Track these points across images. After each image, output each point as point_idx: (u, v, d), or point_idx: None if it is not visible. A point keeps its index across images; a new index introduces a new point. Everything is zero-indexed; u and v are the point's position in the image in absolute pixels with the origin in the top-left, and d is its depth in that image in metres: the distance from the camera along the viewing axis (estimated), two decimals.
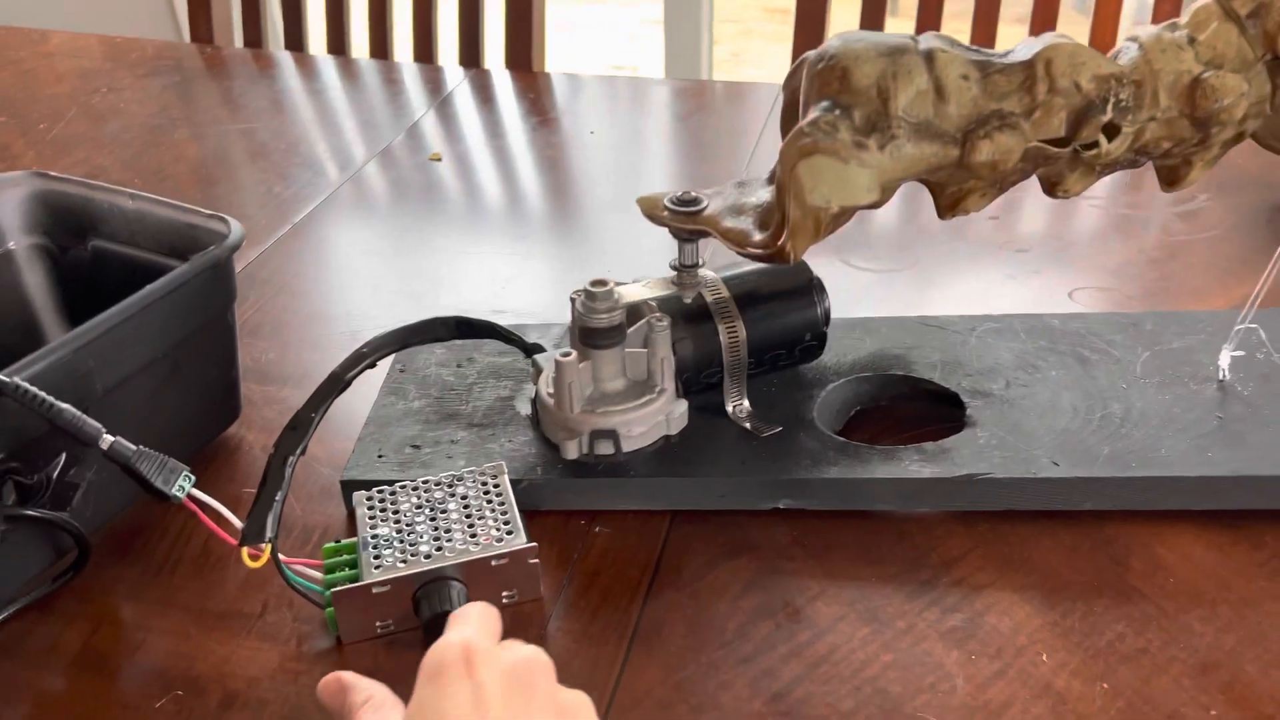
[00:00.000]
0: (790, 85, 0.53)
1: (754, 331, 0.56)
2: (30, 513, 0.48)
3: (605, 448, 0.52)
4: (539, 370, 0.56)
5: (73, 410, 0.46)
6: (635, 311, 0.55)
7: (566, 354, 0.52)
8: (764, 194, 0.53)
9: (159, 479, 0.47)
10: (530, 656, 0.38)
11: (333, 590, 0.47)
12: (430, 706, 0.36)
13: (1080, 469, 0.52)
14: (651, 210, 0.54)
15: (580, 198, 0.90)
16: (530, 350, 0.57)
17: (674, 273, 0.56)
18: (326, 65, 1.15)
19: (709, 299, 0.56)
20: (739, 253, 0.52)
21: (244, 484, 0.58)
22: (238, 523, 0.47)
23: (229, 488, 0.58)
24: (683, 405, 0.54)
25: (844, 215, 0.49)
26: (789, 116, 0.54)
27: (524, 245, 0.81)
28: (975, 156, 0.49)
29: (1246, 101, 0.50)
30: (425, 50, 1.21)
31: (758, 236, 0.51)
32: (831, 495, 0.53)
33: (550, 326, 0.65)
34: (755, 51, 2.94)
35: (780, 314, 0.56)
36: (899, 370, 0.59)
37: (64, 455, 0.49)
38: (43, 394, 0.46)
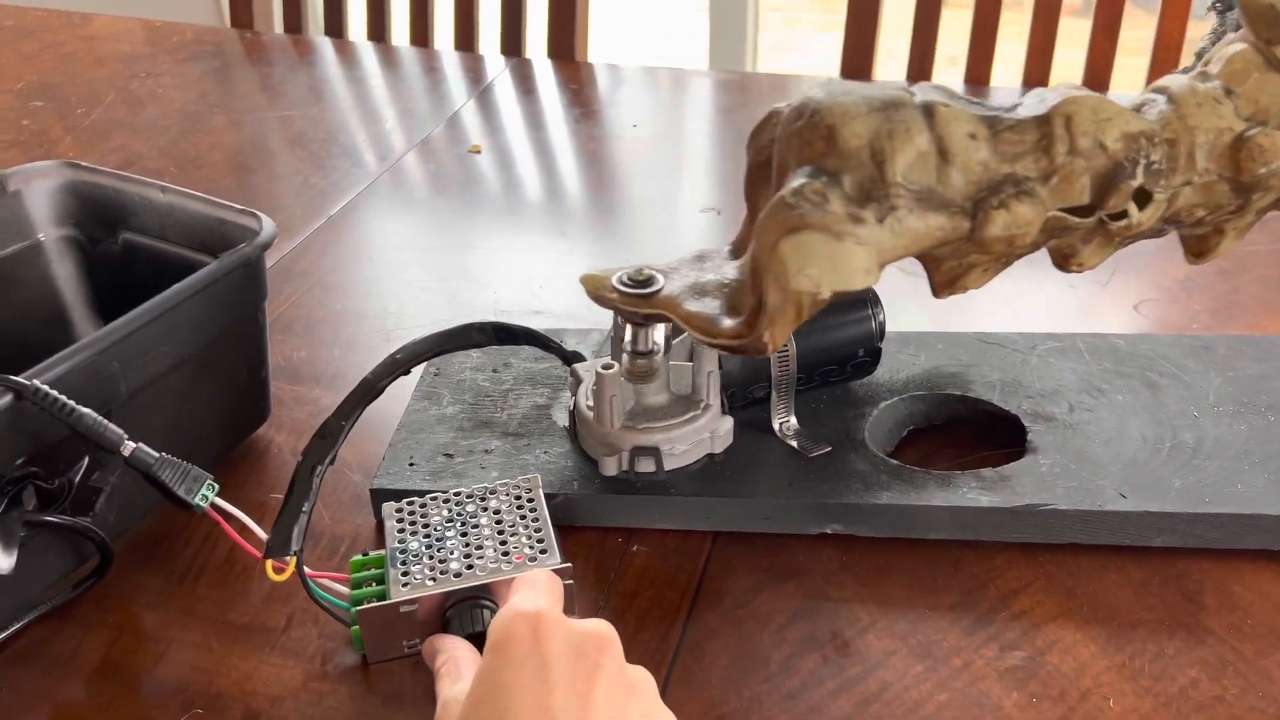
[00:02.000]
0: (757, 143, 0.46)
1: (805, 345, 0.53)
2: (52, 519, 0.46)
3: (647, 465, 0.50)
4: (578, 381, 0.53)
5: (94, 416, 0.44)
6: None
7: (608, 366, 0.49)
8: (729, 270, 0.46)
9: (181, 488, 0.45)
10: (598, 631, 0.37)
11: (358, 609, 0.45)
12: (495, 677, 0.35)
13: (1150, 503, 0.49)
14: (598, 291, 0.47)
15: (622, 194, 0.87)
16: (569, 359, 0.55)
17: (625, 355, 0.50)
18: (366, 52, 1.13)
19: None
20: (706, 342, 0.45)
21: (272, 488, 0.56)
22: (262, 534, 0.45)
23: (257, 492, 0.56)
24: (728, 422, 0.51)
25: (832, 298, 0.42)
26: (756, 180, 0.47)
27: (564, 242, 0.79)
28: (989, 230, 0.41)
29: None
30: (466, 38, 1.19)
31: (727, 324, 0.44)
32: (883, 522, 0.50)
33: (589, 331, 0.63)
34: (801, 40, 2.89)
35: (833, 327, 0.54)
36: (955, 389, 0.56)
37: (86, 459, 0.48)
38: (64, 398, 0.44)
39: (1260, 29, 0.44)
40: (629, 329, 0.50)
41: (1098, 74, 1.04)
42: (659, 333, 0.50)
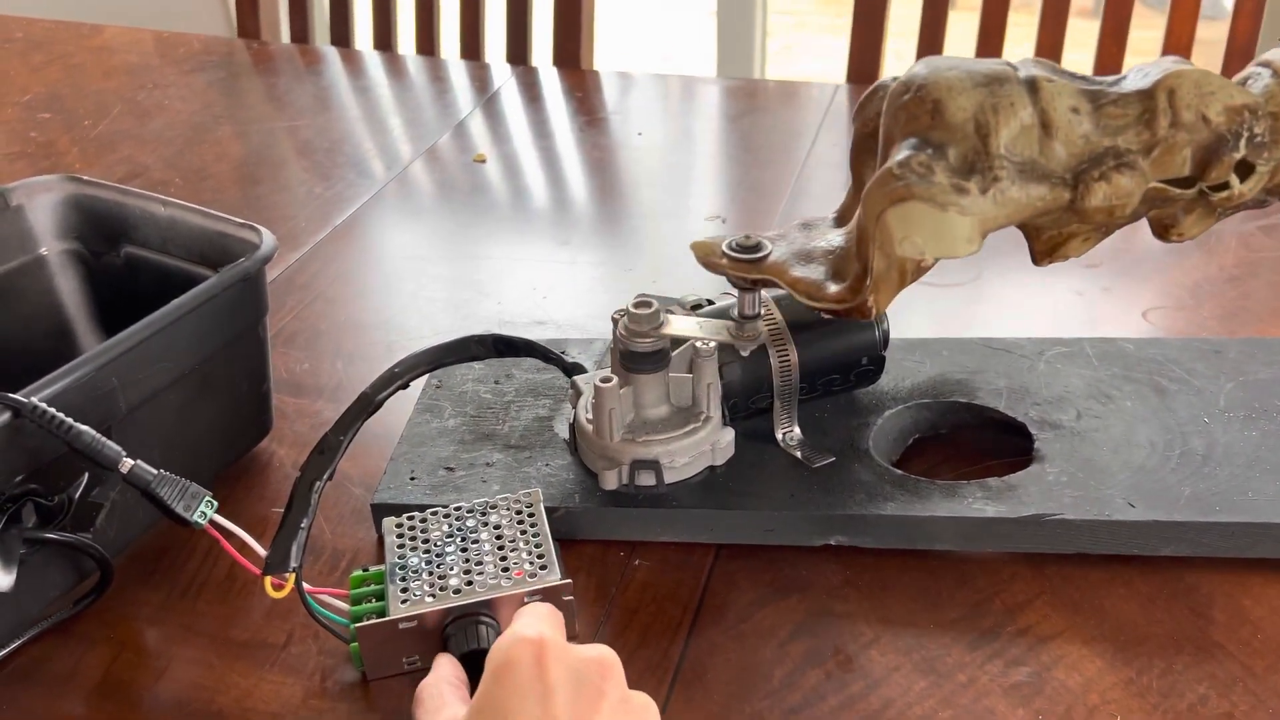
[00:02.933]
0: (863, 115, 0.48)
1: (807, 355, 0.52)
2: (51, 535, 0.46)
3: (647, 479, 0.50)
4: (578, 393, 0.53)
5: (92, 433, 0.44)
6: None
7: (607, 379, 0.49)
8: (834, 238, 0.48)
9: (180, 504, 0.45)
10: (601, 657, 0.37)
11: (357, 625, 0.45)
12: (496, 704, 0.35)
13: (1159, 512, 0.48)
14: (708, 256, 0.49)
15: (627, 202, 0.87)
16: (570, 370, 0.54)
17: (731, 323, 0.51)
18: (373, 61, 1.14)
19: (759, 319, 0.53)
20: (810, 306, 0.47)
21: (273, 503, 0.56)
22: (261, 550, 0.45)
23: (258, 507, 0.56)
24: (729, 434, 0.51)
25: (926, 268, 0.44)
26: (862, 151, 0.49)
27: (568, 252, 0.79)
28: (1090, 200, 0.43)
29: None
30: (472, 47, 1.19)
31: (833, 289, 0.46)
32: (887, 533, 0.50)
33: (592, 341, 0.62)
34: (809, 45, 2.89)
35: (835, 336, 0.53)
36: (961, 397, 0.56)
37: (86, 475, 0.47)
38: (61, 415, 0.44)
39: None
40: (737, 294, 0.51)
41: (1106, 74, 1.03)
42: (765, 299, 0.51)
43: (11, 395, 0.44)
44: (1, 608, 0.47)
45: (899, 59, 1.11)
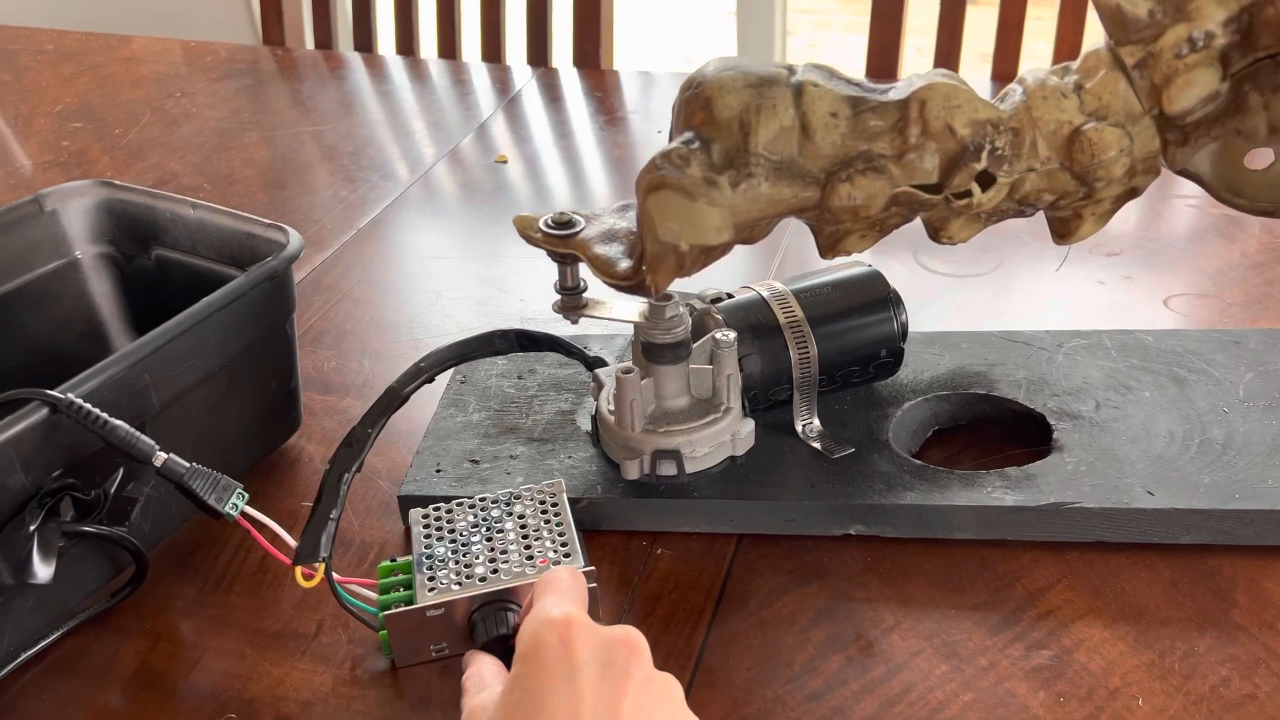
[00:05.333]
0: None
1: (826, 347, 0.53)
2: (89, 529, 0.47)
3: (668, 469, 0.50)
4: (600, 385, 0.54)
5: (126, 428, 0.45)
6: (700, 325, 0.53)
7: (628, 370, 0.50)
8: None
9: (212, 497, 0.46)
10: (627, 637, 0.37)
11: (385, 613, 0.46)
12: (525, 685, 0.36)
13: (1178, 500, 0.48)
14: (525, 230, 0.51)
15: None
16: (592, 364, 0.55)
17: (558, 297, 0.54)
18: (396, 65, 1.15)
19: (778, 312, 0.53)
20: (605, 281, 0.49)
21: (303, 497, 0.57)
22: (291, 541, 0.46)
23: (288, 501, 0.57)
24: (749, 424, 0.52)
25: (708, 252, 0.46)
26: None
27: None
28: (835, 200, 0.45)
29: (1127, 158, 0.46)
30: (493, 49, 1.20)
31: (623, 266, 0.48)
32: (907, 522, 0.50)
33: (614, 337, 0.63)
34: (831, 43, 2.88)
35: (855, 329, 0.54)
36: (980, 389, 0.56)
37: (121, 470, 0.49)
38: (97, 411, 0.45)
39: (1111, 29, 0.45)
40: (556, 267, 0.53)
41: None
42: (584, 272, 0.53)
43: (49, 392, 0.45)
44: (41, 600, 0.48)
45: (920, 55, 1.12)
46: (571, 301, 0.54)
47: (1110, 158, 0.45)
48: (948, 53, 1.08)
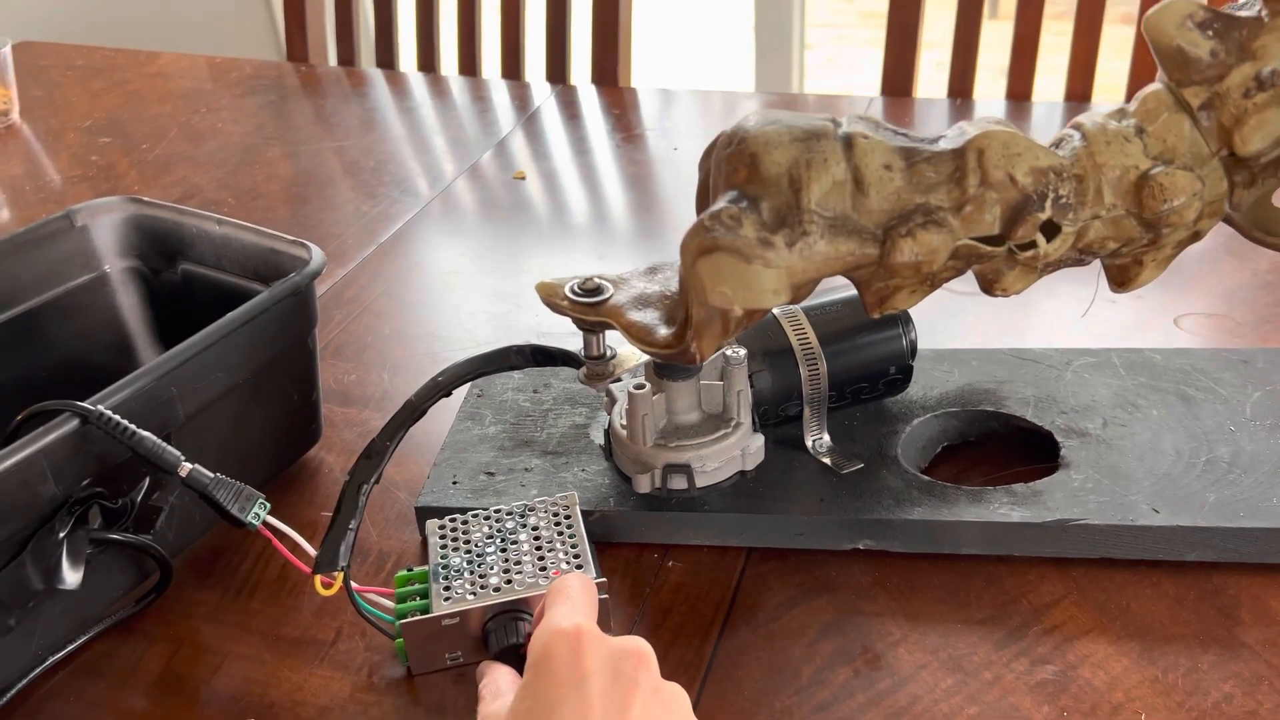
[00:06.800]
0: (705, 164, 0.48)
1: (836, 364, 0.54)
2: (116, 536, 0.49)
3: (679, 482, 0.51)
4: (613, 400, 0.55)
5: (154, 439, 0.47)
6: None
7: (640, 386, 0.51)
8: (675, 283, 0.48)
9: (235, 506, 0.47)
10: (635, 648, 0.38)
11: (402, 622, 0.47)
12: (536, 694, 0.37)
13: (1182, 517, 0.49)
14: (550, 297, 0.49)
15: (663, 215, 0.89)
16: None
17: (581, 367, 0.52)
18: (417, 82, 1.17)
19: (788, 329, 0.54)
20: (643, 350, 0.48)
21: (323, 507, 0.58)
22: (311, 550, 0.47)
23: (308, 511, 0.58)
24: (759, 440, 0.52)
25: (754, 316, 0.44)
26: (703, 199, 0.49)
27: (605, 265, 0.81)
28: (897, 256, 0.43)
29: (1200, 202, 0.44)
30: (513, 66, 1.22)
31: (662, 333, 0.46)
32: (915, 537, 0.51)
33: None
34: (851, 57, 2.89)
35: (864, 346, 0.55)
36: (989, 406, 0.57)
37: (147, 480, 0.50)
38: (125, 422, 0.47)
39: (1171, 70, 0.45)
40: (583, 335, 0.52)
41: (1141, 85, 1.04)
42: (612, 339, 0.52)
43: (80, 404, 0.46)
44: (69, 605, 0.49)
45: (939, 69, 1.12)
46: (599, 369, 0.52)
47: (1183, 202, 0.44)
48: (963, 69, 1.09)
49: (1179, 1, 0.44)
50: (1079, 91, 1.06)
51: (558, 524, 0.50)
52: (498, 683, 0.43)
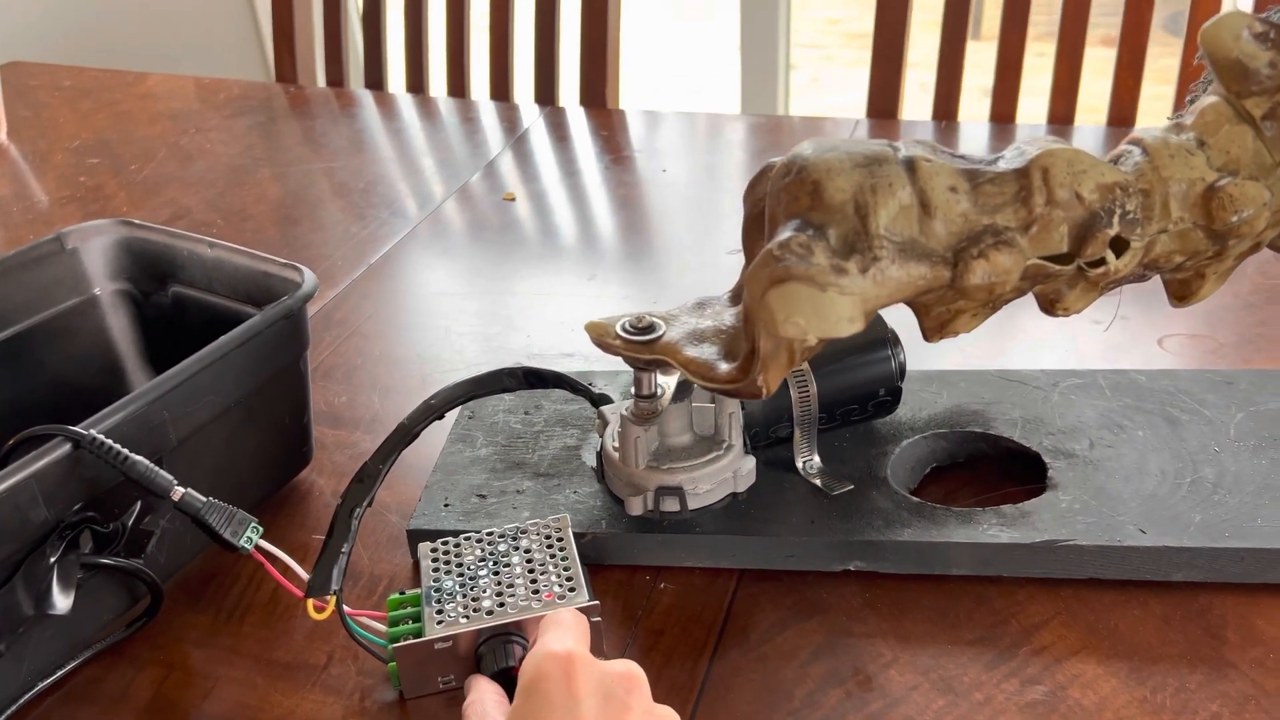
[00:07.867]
0: (753, 195, 0.48)
1: (826, 386, 0.54)
2: (107, 561, 0.49)
3: (671, 505, 0.52)
4: (605, 422, 0.55)
5: (146, 463, 0.47)
6: None
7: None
8: (728, 317, 0.48)
9: (227, 530, 0.47)
10: (627, 671, 0.38)
11: (394, 645, 0.47)
12: (527, 716, 0.37)
13: (1169, 538, 0.49)
14: (601, 338, 0.49)
15: (652, 237, 0.89)
16: (597, 401, 0.56)
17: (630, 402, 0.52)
18: (406, 103, 1.17)
19: None
20: (704, 386, 0.47)
21: (314, 530, 0.58)
22: (304, 574, 0.47)
23: (299, 534, 0.58)
24: (750, 462, 0.53)
25: (823, 344, 0.44)
26: (752, 231, 0.49)
27: (595, 286, 0.81)
28: (970, 279, 0.43)
29: (1269, 211, 0.45)
30: (502, 88, 1.23)
31: (724, 368, 0.46)
32: (905, 559, 0.51)
33: (619, 374, 0.64)
34: (836, 78, 2.92)
35: (854, 368, 0.55)
36: (977, 427, 0.57)
37: (139, 504, 0.50)
38: (118, 446, 0.47)
39: (1230, 82, 0.45)
40: (634, 374, 0.51)
41: (1122, 107, 1.05)
42: (662, 377, 0.51)
43: (72, 428, 0.46)
44: (59, 630, 0.49)
45: (924, 90, 1.14)
46: (649, 408, 0.51)
47: (1253, 213, 0.44)
48: (948, 91, 1.10)
49: (1233, 14, 0.45)
50: (1062, 113, 1.07)
51: (550, 546, 0.50)
52: (484, 703, 0.43)
